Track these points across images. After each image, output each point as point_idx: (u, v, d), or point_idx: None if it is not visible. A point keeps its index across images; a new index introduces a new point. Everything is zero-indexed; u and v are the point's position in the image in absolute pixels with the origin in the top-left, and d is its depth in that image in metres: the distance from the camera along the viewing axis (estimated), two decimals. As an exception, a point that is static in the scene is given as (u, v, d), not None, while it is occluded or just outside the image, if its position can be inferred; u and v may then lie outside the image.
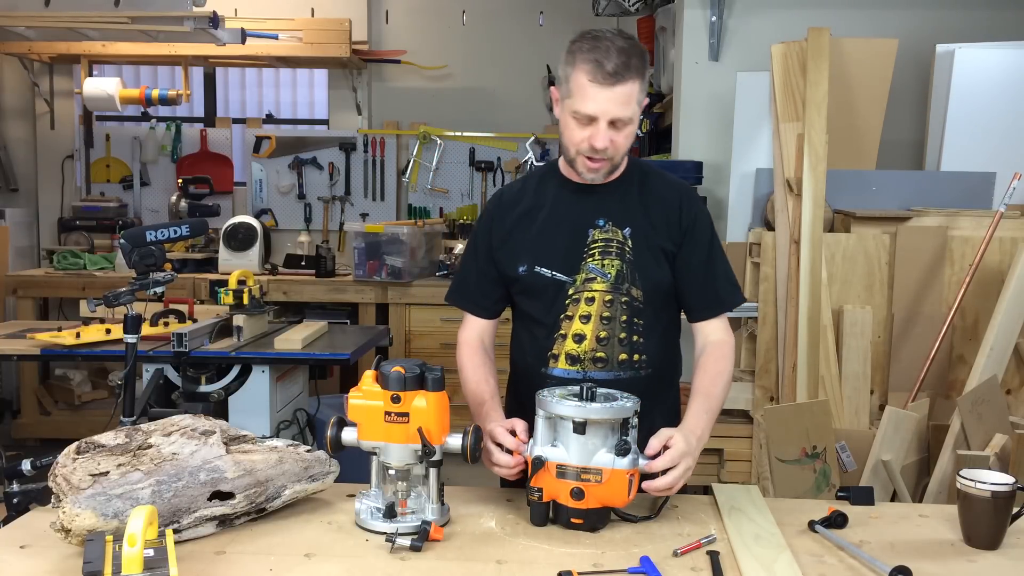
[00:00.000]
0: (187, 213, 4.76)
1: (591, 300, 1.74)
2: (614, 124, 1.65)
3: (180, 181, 4.98)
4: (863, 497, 1.68)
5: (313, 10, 5.20)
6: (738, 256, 3.24)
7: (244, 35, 4.35)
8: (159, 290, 2.53)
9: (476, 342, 1.86)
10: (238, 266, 4.33)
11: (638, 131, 2.58)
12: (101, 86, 4.69)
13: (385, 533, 1.45)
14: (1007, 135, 3.34)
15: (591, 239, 1.76)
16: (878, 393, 3.19)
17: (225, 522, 1.48)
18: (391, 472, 1.53)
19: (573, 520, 1.51)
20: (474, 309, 1.88)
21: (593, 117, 1.64)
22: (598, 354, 1.75)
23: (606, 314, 1.74)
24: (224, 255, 4.75)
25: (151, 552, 1.23)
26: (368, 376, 1.53)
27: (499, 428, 1.60)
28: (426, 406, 1.48)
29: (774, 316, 3.25)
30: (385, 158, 5.35)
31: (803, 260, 3.11)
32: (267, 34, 4.68)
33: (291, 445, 1.65)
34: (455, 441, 1.52)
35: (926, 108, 3.54)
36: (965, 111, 3.36)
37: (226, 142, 5.44)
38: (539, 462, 1.51)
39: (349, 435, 1.54)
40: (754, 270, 3.30)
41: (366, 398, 1.52)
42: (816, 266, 3.11)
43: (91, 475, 1.44)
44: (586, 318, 1.75)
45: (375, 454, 1.54)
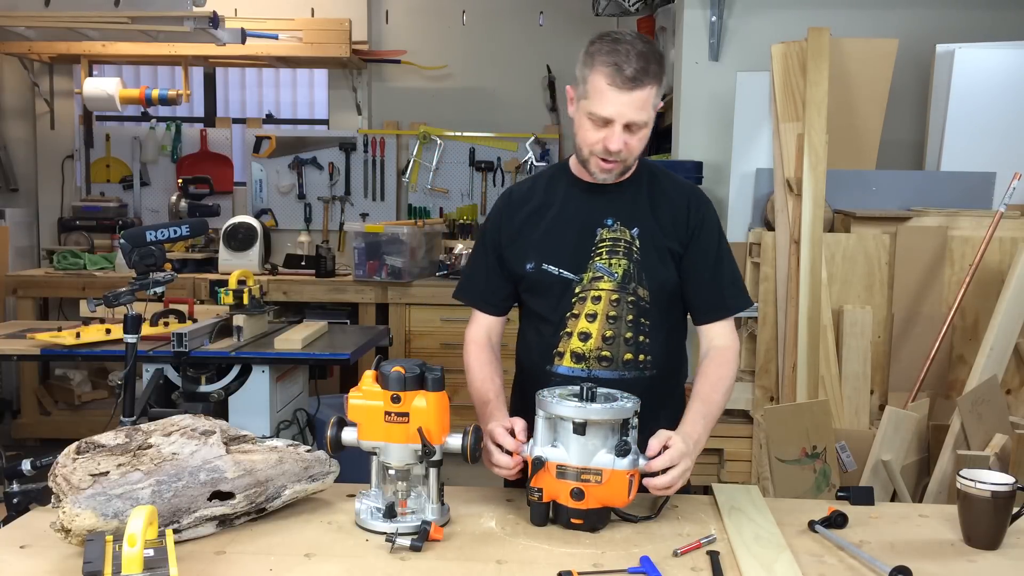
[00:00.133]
0: (187, 213, 4.76)
1: (597, 299, 1.75)
2: (629, 127, 1.66)
3: (180, 181, 4.98)
4: (863, 497, 1.68)
5: (313, 10, 5.20)
6: (738, 256, 3.22)
7: (244, 35, 4.35)
8: (159, 290, 2.53)
9: (483, 339, 1.86)
10: (238, 266, 4.33)
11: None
12: (101, 86, 4.69)
13: (385, 533, 1.45)
14: (1007, 135, 3.34)
15: (599, 238, 1.76)
16: (878, 393, 3.19)
17: (225, 522, 1.48)
18: (391, 472, 1.53)
19: (573, 520, 1.51)
20: (482, 305, 1.88)
21: (609, 120, 1.65)
22: (603, 353, 1.75)
23: (612, 313, 1.74)
24: (224, 255, 4.74)
25: (151, 552, 1.23)
26: (368, 376, 1.53)
27: (498, 428, 1.60)
28: (426, 406, 1.48)
29: (774, 316, 3.25)
30: (385, 158, 5.35)
31: (803, 260, 3.11)
32: (267, 34, 4.68)
33: (291, 445, 1.65)
34: (455, 441, 1.52)
35: (926, 108, 3.54)
36: (965, 111, 3.36)
37: (226, 142, 5.44)
38: (539, 462, 1.51)
39: (349, 435, 1.54)
40: (754, 270, 3.30)
41: (366, 398, 1.52)
42: (816, 266, 3.11)
43: (91, 475, 1.44)
44: (592, 317, 1.75)
45: (375, 454, 1.54)
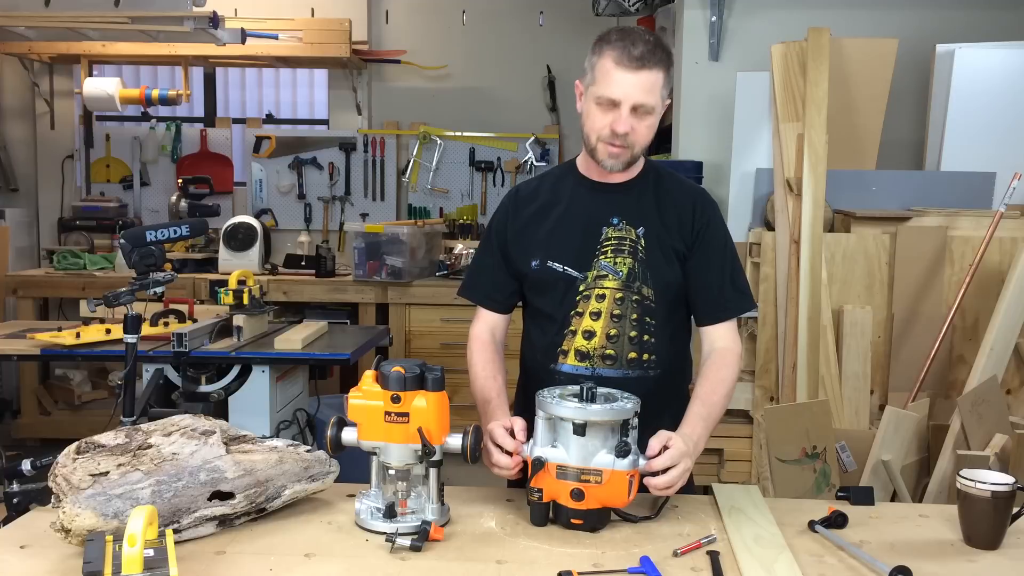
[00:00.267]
0: (187, 213, 4.75)
1: (602, 297, 1.75)
2: (636, 112, 1.67)
3: (180, 181, 4.98)
4: (863, 497, 1.68)
5: (313, 10, 5.20)
6: (738, 256, 3.24)
7: (244, 35, 4.35)
8: (159, 290, 2.53)
9: (487, 336, 1.86)
10: (238, 266, 4.32)
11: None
12: (101, 86, 4.68)
13: (385, 533, 1.45)
14: (1007, 135, 3.34)
15: (604, 236, 1.76)
16: (878, 393, 3.19)
17: (225, 522, 1.48)
18: (391, 472, 1.53)
19: (573, 520, 1.51)
20: (486, 302, 1.88)
21: (616, 101, 1.66)
22: (607, 351, 1.75)
23: (616, 312, 1.74)
24: (224, 255, 4.74)
25: (151, 552, 1.23)
26: (368, 376, 1.53)
27: (498, 429, 1.60)
28: (426, 406, 1.48)
29: (774, 316, 3.25)
30: (385, 158, 5.35)
31: (803, 260, 3.11)
32: (267, 34, 4.67)
33: (291, 445, 1.65)
34: (455, 441, 1.52)
35: (926, 108, 3.54)
36: (965, 111, 3.36)
37: (226, 142, 5.44)
38: (539, 463, 1.51)
39: (349, 435, 1.54)
40: (754, 270, 3.30)
41: (366, 398, 1.52)
42: (816, 266, 3.11)
43: (91, 475, 1.44)
44: (596, 315, 1.75)
45: (375, 454, 1.54)
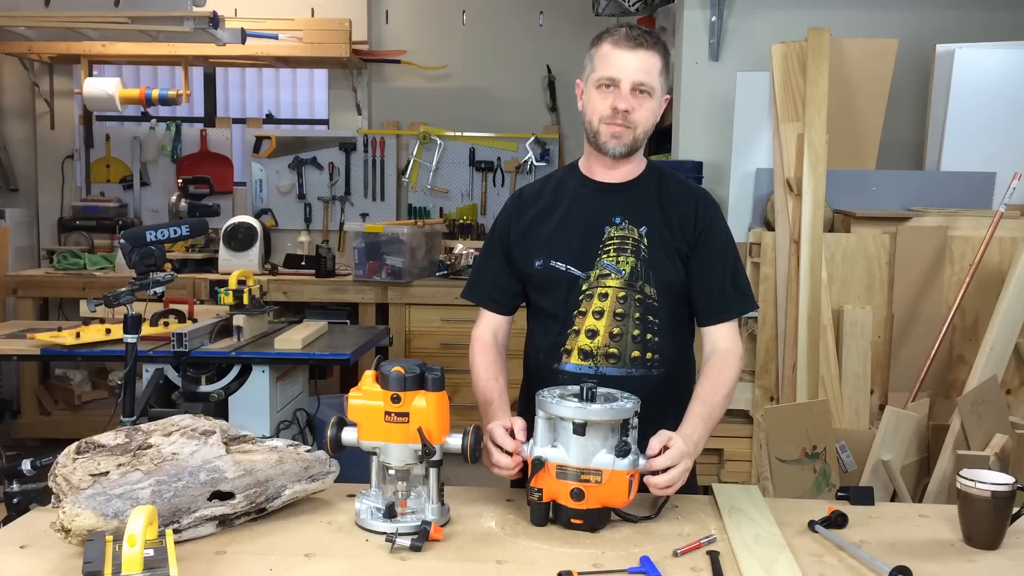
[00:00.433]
0: (187, 213, 4.75)
1: (604, 296, 1.75)
2: (636, 93, 1.70)
3: (180, 181, 4.98)
4: (863, 497, 1.68)
5: (313, 10, 5.20)
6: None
7: (244, 35, 4.35)
8: (159, 290, 2.53)
9: (489, 338, 1.86)
10: (238, 266, 4.33)
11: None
12: (101, 86, 4.68)
13: (385, 533, 1.45)
14: (1007, 135, 3.34)
15: (607, 236, 1.77)
16: (878, 393, 3.19)
17: (225, 522, 1.48)
18: (391, 472, 1.53)
19: (573, 520, 1.51)
20: (489, 304, 1.88)
21: (616, 79, 1.70)
22: (611, 350, 1.75)
23: (619, 311, 1.75)
24: (224, 255, 4.74)
25: (151, 552, 1.23)
26: (368, 376, 1.53)
27: (498, 429, 1.60)
28: (426, 406, 1.48)
29: (774, 316, 3.25)
30: (385, 158, 5.35)
31: (803, 260, 3.11)
32: (267, 34, 4.67)
33: (291, 445, 1.65)
34: (455, 441, 1.52)
35: (926, 108, 3.54)
36: (965, 111, 3.36)
37: (226, 142, 5.44)
38: (539, 463, 1.51)
39: (349, 435, 1.54)
40: (754, 270, 3.30)
41: (366, 398, 1.52)
42: (816, 266, 3.11)
43: (91, 475, 1.44)
44: (599, 314, 1.75)
45: (375, 454, 1.54)
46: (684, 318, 1.83)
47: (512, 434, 1.59)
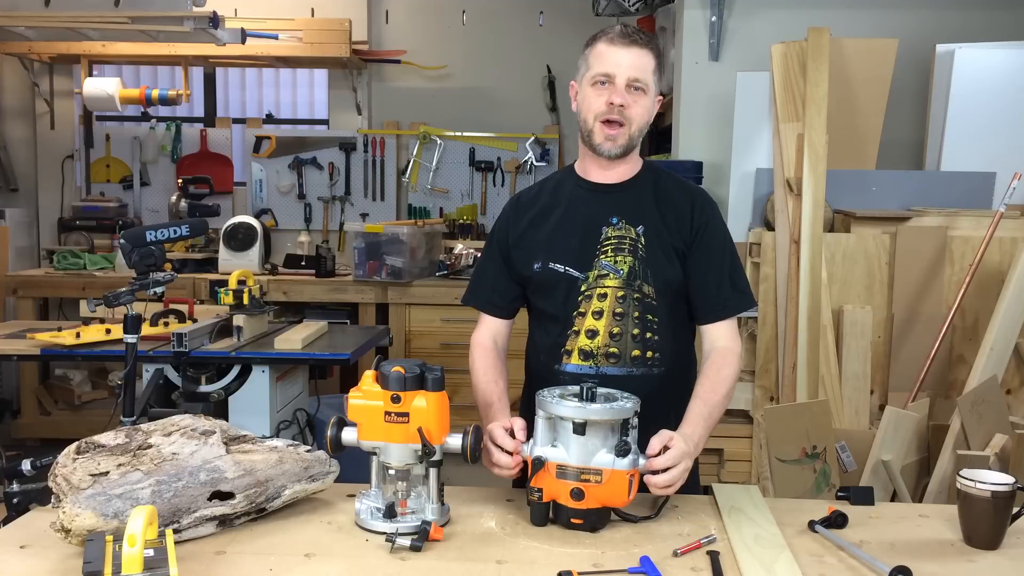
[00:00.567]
0: (187, 213, 4.75)
1: (603, 296, 1.75)
2: (630, 89, 1.72)
3: (180, 181, 4.98)
4: (863, 497, 1.68)
5: (313, 10, 5.20)
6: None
7: (244, 35, 4.35)
8: (159, 290, 2.53)
9: (489, 343, 1.87)
10: (238, 266, 4.33)
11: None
12: (101, 86, 4.68)
13: (385, 533, 1.45)
14: (1007, 135, 3.34)
15: (604, 236, 1.77)
16: (878, 393, 3.19)
17: (225, 522, 1.48)
18: (391, 472, 1.53)
19: (573, 520, 1.51)
20: (489, 308, 1.89)
21: (611, 75, 1.71)
22: (611, 349, 1.75)
23: (619, 310, 1.75)
24: (224, 255, 4.74)
25: (151, 552, 1.23)
26: (368, 376, 1.53)
27: (498, 429, 1.60)
28: (426, 406, 1.48)
29: (774, 316, 3.25)
30: (385, 158, 5.35)
31: (803, 260, 3.11)
32: (267, 34, 4.67)
33: (291, 445, 1.65)
34: (455, 441, 1.52)
35: (926, 108, 3.54)
36: (965, 111, 3.36)
37: (226, 142, 5.44)
38: (539, 462, 1.51)
39: (349, 435, 1.54)
40: (754, 270, 3.30)
41: (366, 398, 1.52)
42: (816, 266, 3.11)
43: (91, 475, 1.44)
44: (599, 314, 1.75)
45: (375, 454, 1.54)
46: (683, 316, 1.83)
47: (512, 434, 1.59)
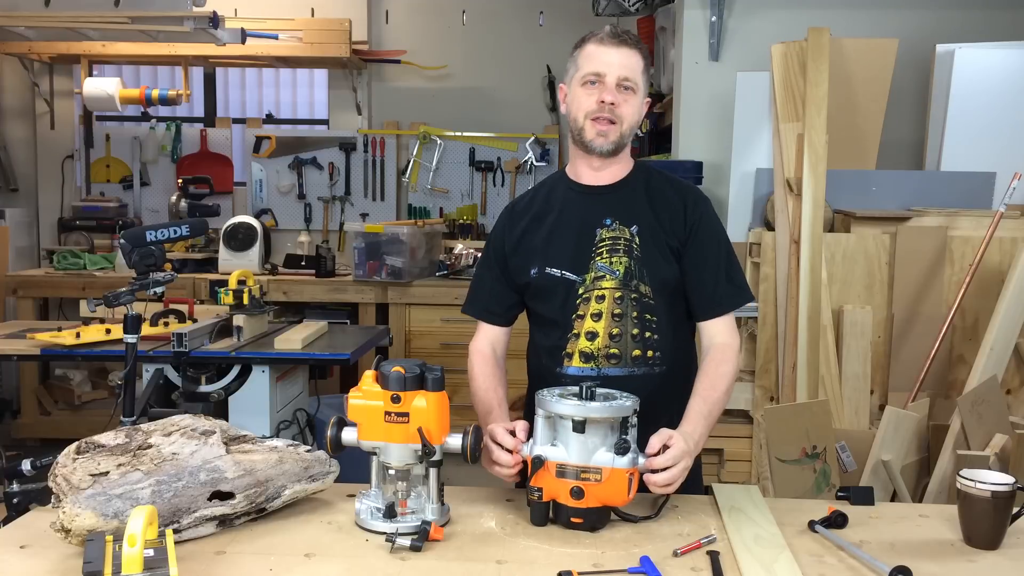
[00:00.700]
0: (187, 213, 4.75)
1: (601, 298, 1.76)
2: (620, 88, 1.73)
3: (180, 181, 4.98)
4: (863, 497, 1.68)
5: (313, 10, 5.20)
6: (738, 256, 3.24)
7: (244, 35, 4.35)
8: (159, 290, 2.53)
9: (488, 351, 1.87)
10: (238, 266, 4.33)
11: (638, 131, 2.60)
12: (101, 86, 4.69)
13: (385, 533, 1.45)
14: (1007, 135, 3.34)
15: (599, 238, 1.78)
16: (878, 393, 3.19)
17: (225, 522, 1.48)
18: (391, 472, 1.53)
19: (573, 520, 1.51)
20: (487, 316, 1.90)
21: (601, 74, 1.73)
22: (611, 350, 1.75)
23: (617, 311, 1.75)
24: (224, 255, 4.74)
25: (151, 552, 1.23)
26: (368, 376, 1.53)
27: (499, 428, 1.60)
28: (426, 406, 1.48)
29: (774, 316, 3.25)
30: (385, 158, 5.35)
31: (803, 260, 3.11)
32: (267, 34, 4.67)
33: (291, 445, 1.65)
34: (455, 441, 1.52)
35: (926, 108, 3.54)
36: (965, 111, 3.36)
37: (226, 142, 5.44)
38: (539, 461, 1.51)
39: (349, 435, 1.54)
40: (754, 270, 3.30)
41: (366, 398, 1.52)
42: (816, 266, 3.11)
43: (91, 475, 1.44)
44: (597, 316, 1.75)
45: (375, 454, 1.54)
46: (682, 314, 1.83)
47: (513, 434, 1.59)
